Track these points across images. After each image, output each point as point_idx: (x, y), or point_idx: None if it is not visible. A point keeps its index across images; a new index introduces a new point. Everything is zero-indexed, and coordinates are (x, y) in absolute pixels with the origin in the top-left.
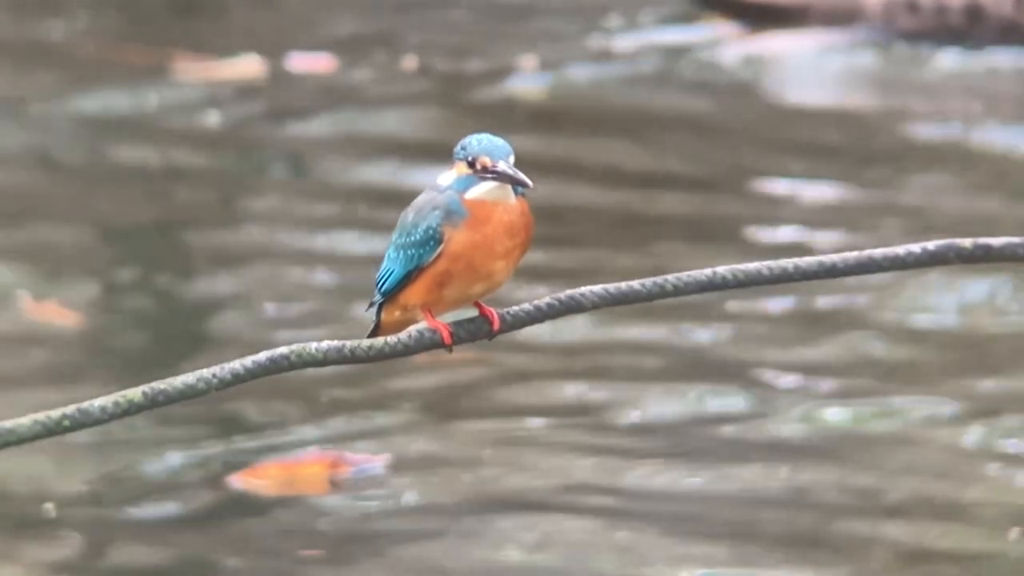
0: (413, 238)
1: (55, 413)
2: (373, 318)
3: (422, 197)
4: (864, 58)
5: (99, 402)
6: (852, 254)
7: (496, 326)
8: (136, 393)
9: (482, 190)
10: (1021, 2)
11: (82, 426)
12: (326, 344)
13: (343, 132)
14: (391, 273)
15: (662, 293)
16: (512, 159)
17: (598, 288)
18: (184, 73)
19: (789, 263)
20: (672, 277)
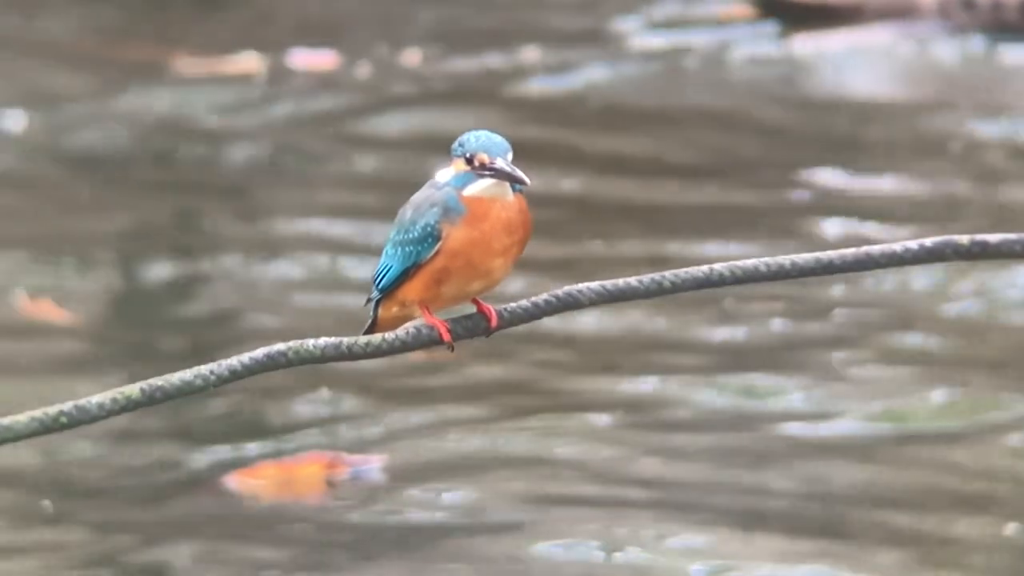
0: (411, 235)
1: (52, 410)
2: (370, 314)
3: (420, 193)
4: (920, 54)
5: (96, 399)
6: (850, 251)
7: (494, 323)
8: (134, 390)
9: (480, 187)
10: None
11: (79, 423)
12: (323, 341)
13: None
14: (389, 269)
15: (659, 290)
16: (510, 156)
17: (595, 285)
18: (184, 70)
19: (786, 260)
20: (669, 274)
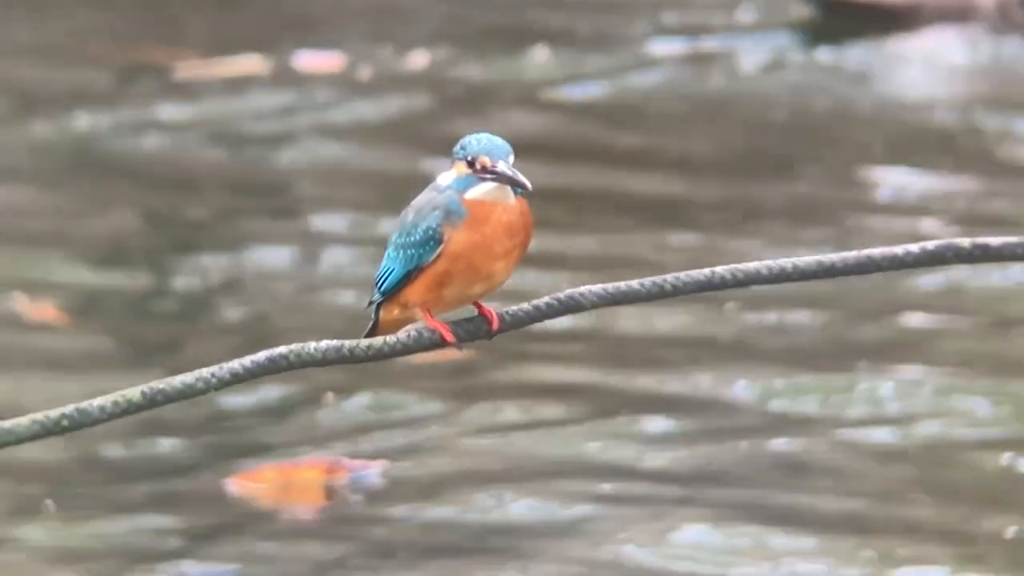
0: (413, 238)
1: (54, 413)
2: (371, 316)
3: (422, 197)
4: (979, 54)
5: (98, 402)
6: (851, 254)
7: (495, 326)
8: (135, 393)
9: (481, 190)
10: None
11: (81, 426)
12: (325, 343)
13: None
14: (391, 272)
15: (661, 293)
16: (512, 159)
17: (597, 288)
18: (185, 71)
19: (788, 263)
20: (671, 277)
